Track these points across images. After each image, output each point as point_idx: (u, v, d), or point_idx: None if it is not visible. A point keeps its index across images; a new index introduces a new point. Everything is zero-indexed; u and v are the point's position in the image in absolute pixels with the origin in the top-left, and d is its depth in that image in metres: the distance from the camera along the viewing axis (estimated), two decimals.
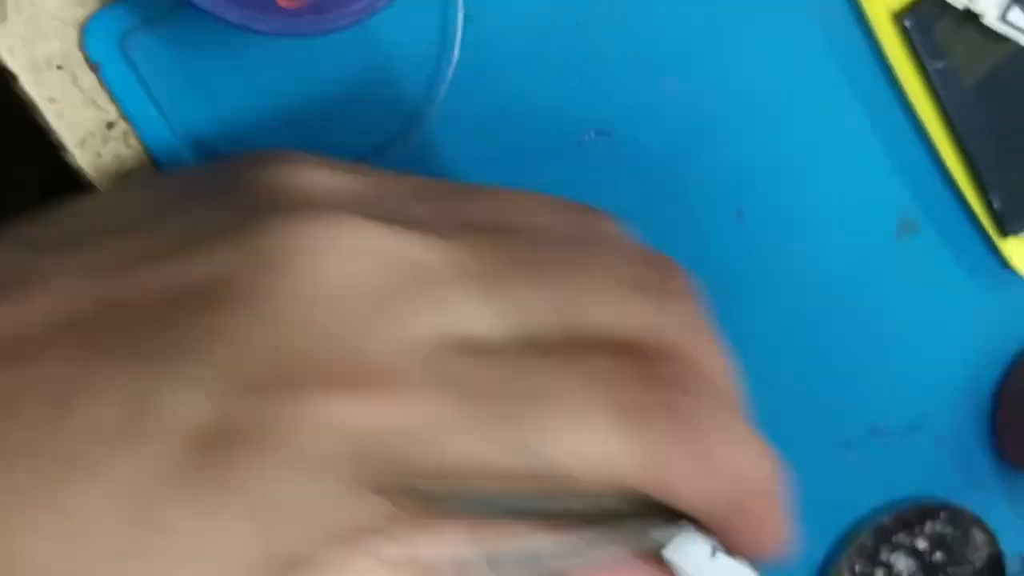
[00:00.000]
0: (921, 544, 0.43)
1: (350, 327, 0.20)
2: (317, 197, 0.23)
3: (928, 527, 0.43)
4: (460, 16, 0.33)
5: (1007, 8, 0.37)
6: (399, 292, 0.21)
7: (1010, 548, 0.46)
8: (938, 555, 0.43)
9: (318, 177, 0.24)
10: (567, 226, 0.26)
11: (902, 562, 0.43)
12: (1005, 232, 0.41)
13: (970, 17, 0.37)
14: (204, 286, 0.21)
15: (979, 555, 0.43)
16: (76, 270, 0.22)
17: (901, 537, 0.42)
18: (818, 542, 0.43)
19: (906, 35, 0.37)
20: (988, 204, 0.40)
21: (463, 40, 0.34)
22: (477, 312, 0.21)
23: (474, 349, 0.21)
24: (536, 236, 0.25)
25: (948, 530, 0.43)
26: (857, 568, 0.42)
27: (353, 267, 0.21)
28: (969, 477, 0.45)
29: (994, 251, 0.42)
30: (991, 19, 0.37)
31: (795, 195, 0.39)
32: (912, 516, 0.43)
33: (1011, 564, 0.45)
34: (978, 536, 0.44)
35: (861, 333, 0.41)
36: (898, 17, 0.37)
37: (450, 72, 0.34)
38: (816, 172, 0.39)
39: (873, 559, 0.42)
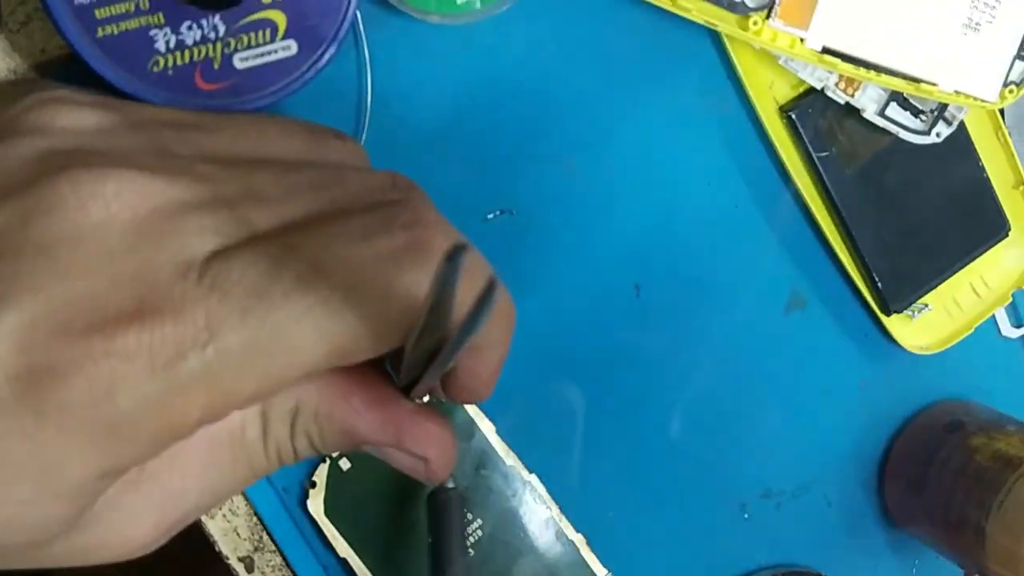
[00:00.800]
0: None
1: (115, 263, 0.24)
2: (77, 139, 0.26)
3: None
4: (369, 99, 0.36)
5: (885, 104, 0.40)
6: (153, 226, 0.24)
7: None
8: None
9: (76, 117, 0.26)
10: (297, 154, 0.30)
11: None
12: (888, 311, 0.43)
13: (851, 111, 0.40)
14: None
15: None
16: None
17: None
18: None
19: (792, 126, 0.40)
20: (872, 284, 0.43)
21: (372, 121, 0.36)
22: (212, 232, 0.25)
23: (221, 256, 0.25)
24: (261, 163, 0.28)
25: None
26: None
27: (114, 210, 0.24)
28: (857, 535, 0.48)
29: (880, 327, 0.45)
30: (870, 113, 0.40)
31: (690, 272, 0.42)
32: None
33: None
34: None
35: (753, 401, 0.44)
36: (784, 110, 0.40)
37: None
38: (710, 251, 0.42)
39: None
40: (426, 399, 0.32)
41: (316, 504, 0.38)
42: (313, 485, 0.38)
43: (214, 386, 0.24)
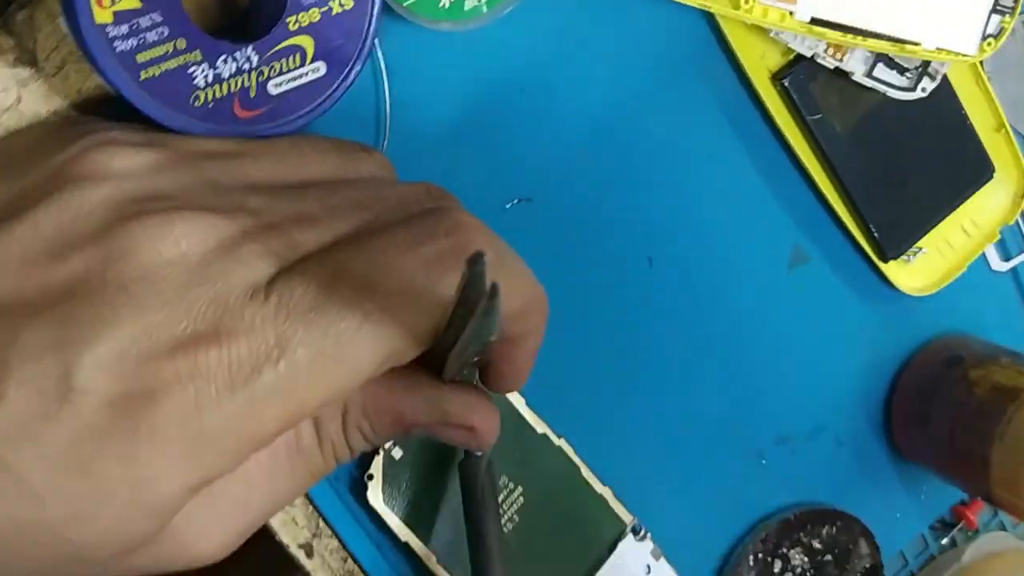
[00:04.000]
0: (816, 544, 0.48)
1: (190, 294, 0.26)
2: (137, 182, 0.28)
3: (824, 531, 0.48)
4: (388, 108, 0.37)
5: (872, 65, 0.42)
6: (219, 258, 0.26)
7: (903, 530, 0.51)
8: (828, 557, 0.48)
9: (130, 159, 0.28)
10: (332, 171, 0.32)
11: (797, 557, 0.48)
12: (886, 258, 0.46)
13: (840, 74, 0.42)
14: (76, 283, 0.26)
15: (862, 563, 0.49)
16: None
17: (800, 535, 0.48)
18: (729, 530, 0.48)
19: (785, 93, 0.42)
20: (869, 234, 0.45)
21: (392, 127, 0.38)
22: (270, 257, 0.27)
23: (281, 277, 0.27)
24: (305, 188, 0.31)
25: (842, 537, 0.48)
26: (760, 555, 0.47)
27: (183, 248, 0.26)
28: (867, 470, 0.51)
29: (878, 274, 0.47)
30: (859, 75, 0.42)
31: (698, 240, 0.44)
32: (813, 517, 0.48)
33: (892, 561, 0.51)
34: (864, 547, 0.49)
35: (764, 355, 0.46)
36: (776, 78, 0.42)
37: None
38: (715, 218, 0.44)
39: (774, 550, 0.47)
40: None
41: (375, 495, 0.40)
42: (371, 478, 0.40)
43: (289, 397, 0.26)
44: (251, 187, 0.30)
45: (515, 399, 0.42)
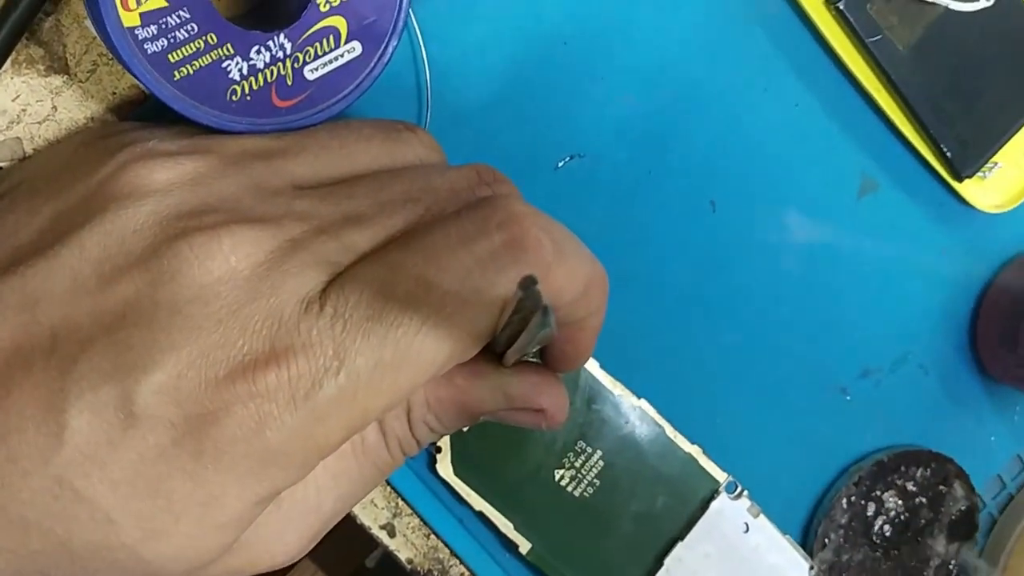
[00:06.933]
0: (910, 487, 0.46)
1: (243, 311, 0.25)
2: (180, 195, 0.27)
3: (919, 472, 0.46)
4: (428, 76, 0.36)
5: None
6: (270, 271, 0.26)
7: (999, 453, 0.50)
8: (922, 499, 0.47)
9: (170, 171, 0.27)
10: (378, 159, 0.31)
11: (891, 500, 0.46)
12: (960, 177, 0.44)
13: None
14: (127, 307, 0.25)
15: (957, 506, 0.47)
16: (17, 303, 0.26)
17: (894, 477, 0.46)
18: (819, 477, 0.47)
19: (841, 16, 0.40)
20: (940, 154, 0.43)
21: (433, 97, 0.36)
22: (323, 264, 0.26)
23: (335, 284, 0.26)
24: (352, 183, 0.30)
25: (936, 479, 0.47)
26: (853, 498, 0.46)
27: (233, 264, 0.26)
28: (956, 396, 0.49)
29: (953, 194, 0.45)
30: None
31: (761, 178, 0.42)
32: (907, 459, 0.46)
33: (990, 484, 0.50)
34: (959, 489, 0.48)
35: (839, 290, 0.45)
36: (831, 2, 0.40)
37: (426, 127, 0.37)
38: (776, 154, 0.42)
39: (867, 493, 0.46)
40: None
41: (445, 467, 0.40)
42: (439, 450, 0.39)
43: (352, 407, 0.26)
44: (297, 187, 0.29)
45: (589, 364, 0.41)
